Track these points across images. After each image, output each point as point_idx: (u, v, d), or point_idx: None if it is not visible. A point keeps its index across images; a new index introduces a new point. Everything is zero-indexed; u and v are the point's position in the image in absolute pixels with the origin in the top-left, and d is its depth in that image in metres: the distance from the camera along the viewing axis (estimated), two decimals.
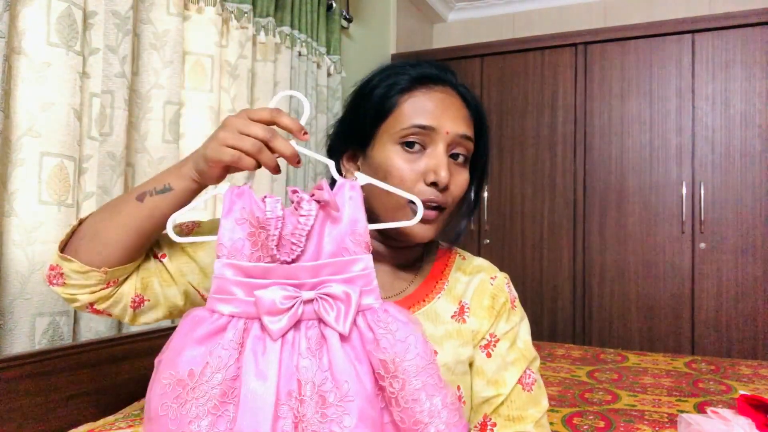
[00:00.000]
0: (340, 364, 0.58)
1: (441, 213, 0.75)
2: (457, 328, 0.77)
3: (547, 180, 2.85)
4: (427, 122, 0.73)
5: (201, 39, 1.77)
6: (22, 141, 1.24)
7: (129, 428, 1.18)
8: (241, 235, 0.62)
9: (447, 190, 0.74)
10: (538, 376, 0.80)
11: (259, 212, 0.62)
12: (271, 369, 0.57)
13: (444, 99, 0.75)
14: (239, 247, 0.62)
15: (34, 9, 1.25)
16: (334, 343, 0.59)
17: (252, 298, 0.60)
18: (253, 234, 0.62)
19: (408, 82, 0.76)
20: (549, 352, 2.12)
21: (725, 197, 2.53)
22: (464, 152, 0.76)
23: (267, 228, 0.61)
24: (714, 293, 2.53)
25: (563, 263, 2.81)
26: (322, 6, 2.41)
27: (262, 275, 0.61)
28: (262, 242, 0.62)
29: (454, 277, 0.82)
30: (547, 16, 3.43)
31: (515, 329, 0.79)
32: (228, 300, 0.61)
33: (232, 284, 0.61)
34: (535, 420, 0.76)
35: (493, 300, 0.79)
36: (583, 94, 2.80)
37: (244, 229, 0.62)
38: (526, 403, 0.76)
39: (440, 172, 0.71)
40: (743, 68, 2.53)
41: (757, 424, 1.21)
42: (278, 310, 0.58)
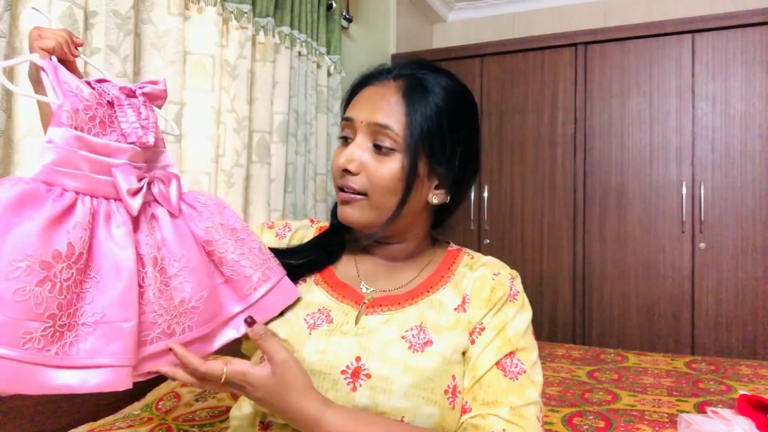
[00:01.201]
0: (173, 239, 0.66)
1: (359, 198, 0.77)
2: (457, 318, 0.77)
3: (547, 180, 2.86)
4: (348, 114, 0.80)
5: (201, 39, 1.77)
6: (24, 141, 1.24)
7: (129, 428, 1.18)
8: (78, 107, 0.61)
9: (356, 176, 0.77)
10: (532, 369, 0.75)
11: (90, 89, 0.63)
12: (128, 242, 0.61)
13: (372, 92, 0.79)
14: (78, 118, 0.60)
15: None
16: (167, 221, 0.66)
17: (99, 175, 0.61)
18: (89, 109, 0.61)
19: (357, 84, 0.84)
20: (549, 352, 2.12)
21: (725, 197, 2.53)
22: (385, 140, 0.76)
23: (111, 111, 0.64)
24: (714, 293, 2.54)
25: (563, 263, 2.81)
26: (322, 6, 2.41)
27: (108, 153, 0.62)
28: (101, 119, 0.62)
29: (461, 272, 0.83)
30: (547, 16, 3.43)
31: (505, 319, 0.77)
32: (74, 175, 0.59)
33: (79, 158, 0.59)
34: (512, 406, 0.71)
35: (491, 293, 0.79)
36: (583, 94, 2.80)
37: (76, 102, 0.61)
38: (505, 389, 0.72)
39: (339, 158, 0.78)
40: (743, 68, 2.53)
41: (757, 424, 1.21)
42: (136, 189, 0.63)
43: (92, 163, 0.60)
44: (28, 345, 0.53)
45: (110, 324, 0.57)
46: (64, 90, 0.60)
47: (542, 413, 0.75)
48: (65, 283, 0.55)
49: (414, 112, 0.76)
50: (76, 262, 0.56)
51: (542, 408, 0.75)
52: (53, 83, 0.60)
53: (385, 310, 0.79)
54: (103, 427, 1.19)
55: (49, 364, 0.54)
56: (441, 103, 0.77)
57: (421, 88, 0.78)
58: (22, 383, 0.53)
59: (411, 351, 0.73)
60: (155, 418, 1.23)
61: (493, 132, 2.98)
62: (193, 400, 1.32)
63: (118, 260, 0.59)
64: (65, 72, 0.62)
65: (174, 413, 1.27)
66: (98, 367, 0.57)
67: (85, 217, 0.58)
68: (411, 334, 0.75)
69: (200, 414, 1.27)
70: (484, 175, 2.98)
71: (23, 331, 0.52)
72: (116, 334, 0.57)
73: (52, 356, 0.54)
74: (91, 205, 0.59)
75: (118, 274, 0.59)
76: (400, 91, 0.77)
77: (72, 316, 0.56)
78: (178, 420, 1.23)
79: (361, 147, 0.77)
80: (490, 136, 2.98)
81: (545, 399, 1.55)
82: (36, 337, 0.53)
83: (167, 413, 1.27)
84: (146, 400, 1.33)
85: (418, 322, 0.76)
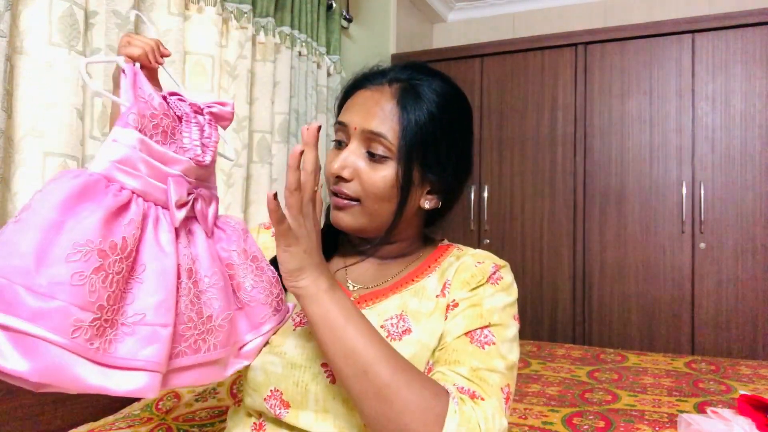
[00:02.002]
0: (206, 257, 0.67)
1: (353, 204, 0.77)
2: (436, 303, 0.77)
3: (547, 180, 2.86)
4: (342, 118, 0.79)
5: (201, 39, 1.77)
6: (25, 141, 1.24)
7: (129, 428, 1.18)
8: (145, 113, 0.63)
9: (349, 182, 0.76)
10: (503, 344, 0.72)
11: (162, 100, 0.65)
12: (172, 249, 0.62)
13: (368, 97, 0.78)
14: (143, 123, 0.62)
15: (36, 9, 1.25)
16: (201, 239, 0.68)
17: (155, 181, 0.63)
18: (156, 117, 0.63)
19: (351, 86, 0.83)
20: (549, 352, 2.12)
21: (725, 197, 2.53)
22: (379, 148, 0.75)
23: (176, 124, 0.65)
24: (714, 293, 2.54)
25: (563, 263, 2.81)
26: (322, 6, 2.41)
27: (165, 162, 0.64)
28: (164, 129, 0.64)
29: (448, 262, 0.83)
30: (547, 16, 3.43)
31: (481, 295, 0.75)
32: (134, 175, 0.61)
33: (140, 160, 0.61)
34: (473, 367, 0.68)
35: (471, 277, 0.78)
36: (583, 94, 2.80)
37: (145, 108, 0.63)
38: (470, 354, 0.70)
39: (333, 164, 0.77)
40: (743, 68, 2.53)
41: (757, 424, 1.21)
42: (183, 202, 0.64)
43: (150, 167, 0.62)
44: (77, 334, 0.52)
45: (149, 327, 0.57)
46: (137, 95, 0.62)
47: (510, 391, 0.71)
48: (116, 276, 0.55)
49: (408, 121, 0.75)
50: (127, 258, 0.57)
51: (510, 387, 0.71)
52: (128, 86, 0.62)
53: (369, 303, 0.79)
54: (103, 427, 1.19)
55: (91, 359, 0.54)
56: (435, 109, 0.77)
57: (415, 94, 0.77)
58: (61, 375, 0.52)
59: (389, 340, 0.73)
60: (155, 418, 1.23)
61: (493, 132, 2.98)
62: (193, 400, 1.32)
63: (163, 265, 0.60)
64: (143, 79, 0.64)
65: (174, 413, 1.27)
66: (133, 369, 0.56)
67: (138, 216, 0.59)
68: (390, 323, 0.75)
69: (200, 414, 1.27)
70: (484, 175, 2.98)
71: (75, 319, 0.52)
72: (153, 338, 0.57)
73: (95, 350, 0.54)
74: (143, 207, 0.61)
75: (161, 278, 0.59)
76: (395, 97, 0.77)
77: (116, 313, 0.56)
78: (178, 420, 1.23)
79: (354, 153, 0.77)
80: (490, 136, 2.98)
81: (545, 399, 1.55)
82: (85, 327, 0.53)
83: (167, 413, 1.27)
84: (146, 401, 1.33)
85: (399, 310, 0.77)
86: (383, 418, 0.63)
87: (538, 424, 1.35)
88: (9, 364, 0.50)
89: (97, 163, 0.59)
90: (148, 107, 0.63)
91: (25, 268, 0.51)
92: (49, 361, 0.51)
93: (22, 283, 0.51)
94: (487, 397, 0.66)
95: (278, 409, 0.73)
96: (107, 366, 0.55)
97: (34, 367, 0.51)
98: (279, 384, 0.73)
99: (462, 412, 0.63)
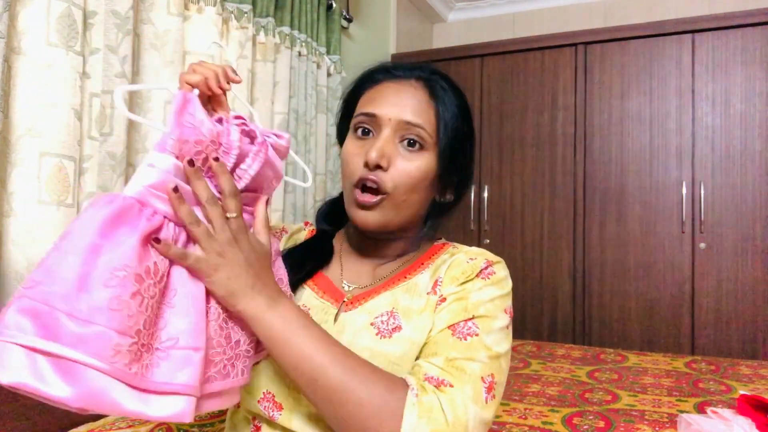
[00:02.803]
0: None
1: (381, 198, 0.75)
2: (427, 301, 0.76)
3: (547, 180, 2.85)
4: (371, 109, 0.78)
5: (201, 39, 1.77)
6: (22, 141, 1.24)
7: (129, 428, 1.18)
8: (189, 140, 0.62)
9: (385, 172, 0.75)
10: (488, 336, 0.70)
11: (213, 127, 0.64)
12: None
13: (397, 89, 0.78)
14: (184, 150, 0.62)
15: (34, 9, 1.25)
16: None
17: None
18: (200, 143, 0.62)
19: (373, 77, 0.82)
20: (549, 352, 2.12)
21: (725, 197, 2.53)
22: (415, 138, 0.76)
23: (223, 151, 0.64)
24: (714, 293, 2.53)
25: (563, 263, 2.81)
26: (322, 6, 2.41)
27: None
28: (207, 157, 0.63)
29: (441, 259, 0.82)
30: (547, 16, 3.43)
31: (470, 288, 0.75)
32: (166, 200, 0.61)
33: (173, 184, 0.61)
34: (449, 357, 0.67)
35: (462, 273, 0.77)
36: (583, 94, 2.80)
37: (191, 134, 0.62)
38: (450, 345, 0.69)
39: (370, 152, 0.74)
40: (743, 68, 2.53)
41: (757, 424, 1.21)
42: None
43: (184, 193, 0.62)
44: (116, 359, 0.52)
45: (182, 351, 0.58)
46: (182, 121, 0.62)
47: (494, 381, 0.68)
48: (151, 301, 0.56)
49: (445, 114, 0.77)
50: (160, 282, 0.57)
51: (495, 377, 0.68)
52: (173, 112, 0.62)
53: (362, 302, 0.78)
54: (103, 427, 1.19)
55: (130, 383, 0.54)
56: (463, 107, 0.80)
57: (442, 90, 0.79)
58: (100, 399, 0.52)
59: (379, 337, 0.73)
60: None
61: (493, 132, 2.98)
62: None
63: (193, 289, 0.60)
64: (196, 105, 0.63)
65: None
66: (170, 393, 0.56)
67: (169, 241, 0.60)
68: (380, 320, 0.74)
69: (200, 414, 1.27)
70: (484, 175, 2.98)
71: (114, 343, 0.52)
72: (186, 362, 0.57)
73: (133, 375, 0.54)
74: (174, 231, 0.61)
75: (192, 302, 0.60)
76: (427, 91, 0.78)
77: (151, 338, 0.56)
78: None
79: (389, 143, 0.76)
80: (490, 136, 2.98)
81: (545, 399, 1.55)
82: (123, 351, 0.53)
83: None
84: None
85: (390, 307, 0.76)
86: (342, 422, 0.63)
87: (538, 424, 1.35)
88: (53, 390, 0.50)
89: (131, 186, 0.60)
90: (193, 133, 0.62)
91: (65, 294, 0.52)
92: (90, 386, 0.52)
93: (63, 309, 0.52)
94: (457, 384, 0.65)
95: (272, 411, 0.73)
96: (145, 391, 0.55)
97: (76, 392, 0.51)
98: (271, 386, 0.73)
99: (421, 403, 0.62)
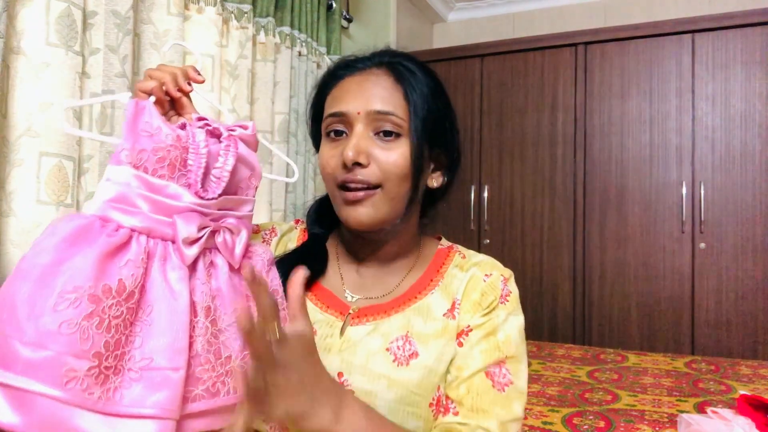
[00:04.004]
0: (228, 292, 0.62)
1: (372, 192, 0.72)
2: (446, 325, 0.74)
3: (547, 180, 2.85)
4: (337, 108, 0.75)
5: (201, 39, 1.77)
6: (21, 141, 1.24)
7: None
8: (147, 148, 0.60)
9: (366, 168, 0.72)
10: (519, 382, 0.73)
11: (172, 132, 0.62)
12: (183, 286, 0.59)
13: (360, 81, 0.75)
14: (143, 158, 0.60)
15: (33, 9, 1.25)
16: (224, 272, 0.63)
17: (160, 216, 0.60)
18: (161, 150, 0.60)
19: (329, 78, 0.80)
20: (549, 352, 2.12)
21: (725, 197, 2.53)
22: (389, 126, 0.73)
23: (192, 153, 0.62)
24: (714, 293, 2.53)
25: (563, 263, 2.81)
26: (322, 6, 2.41)
27: (171, 196, 0.61)
28: (171, 162, 0.61)
29: (451, 274, 0.79)
30: (547, 16, 3.43)
31: (495, 321, 0.74)
32: (132, 212, 0.58)
33: (137, 196, 0.59)
34: (501, 420, 0.69)
35: (482, 296, 0.75)
36: (583, 94, 2.80)
37: (148, 142, 0.60)
38: (493, 400, 0.70)
39: (345, 152, 0.71)
40: (743, 68, 2.53)
41: (757, 424, 1.21)
42: (195, 238, 0.60)
43: (152, 203, 0.59)
44: (71, 384, 0.50)
45: (158, 371, 0.55)
46: (137, 129, 0.60)
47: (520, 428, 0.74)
48: (114, 321, 0.53)
49: (414, 96, 0.74)
50: (127, 300, 0.54)
51: (521, 423, 0.73)
52: (127, 122, 0.60)
53: (370, 319, 0.75)
54: None
55: (91, 408, 0.51)
56: (433, 85, 0.77)
57: (408, 72, 0.76)
58: (58, 427, 0.50)
59: (396, 364, 0.71)
60: None
61: (493, 132, 2.98)
62: None
63: (171, 305, 0.57)
64: (151, 112, 0.61)
65: None
66: (141, 417, 0.53)
67: (139, 255, 0.57)
68: (396, 345, 0.72)
69: None
70: (484, 175, 2.98)
71: (66, 369, 0.50)
72: (163, 383, 0.54)
73: (95, 400, 0.51)
74: (146, 245, 0.58)
75: (170, 319, 0.56)
76: (391, 76, 0.75)
77: (119, 359, 0.54)
78: None
79: (363, 138, 0.73)
80: (490, 136, 2.98)
81: (545, 399, 1.55)
82: (80, 376, 0.51)
83: None
84: None
85: (404, 331, 0.73)
86: None
87: (538, 424, 1.35)
88: (2, 417, 0.49)
89: (93, 204, 0.58)
90: (151, 141, 0.60)
91: (16, 321, 0.50)
92: (43, 413, 0.50)
93: (16, 336, 0.50)
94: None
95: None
96: (112, 415, 0.52)
97: (28, 421, 0.49)
98: None
99: None
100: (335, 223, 0.85)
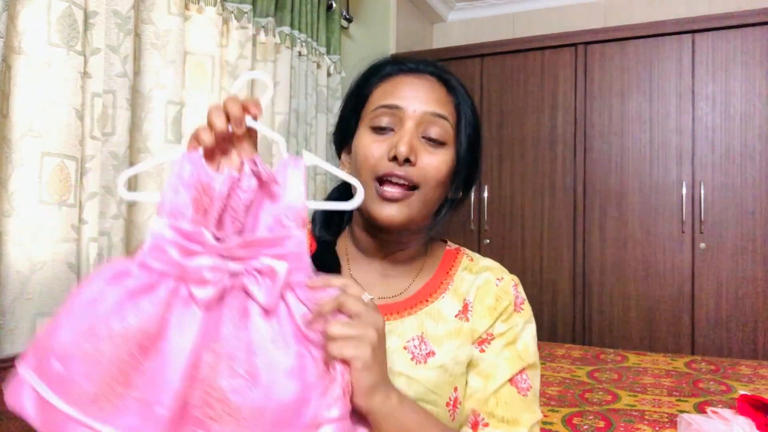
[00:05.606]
0: (256, 338, 0.60)
1: (410, 193, 0.72)
2: (459, 327, 0.76)
3: (547, 180, 2.86)
4: (392, 101, 0.74)
5: (201, 39, 1.77)
6: (23, 141, 1.24)
7: None
8: (185, 199, 0.61)
9: (413, 166, 0.72)
10: (536, 385, 0.76)
11: (205, 178, 0.62)
12: (191, 332, 0.58)
13: (416, 82, 0.76)
14: (182, 210, 0.61)
15: (34, 9, 1.25)
16: (256, 317, 0.61)
17: (189, 261, 0.60)
18: (198, 199, 0.62)
19: (383, 71, 0.79)
20: (549, 352, 2.12)
21: (725, 197, 2.53)
22: (439, 132, 0.73)
23: (211, 198, 0.62)
24: (714, 293, 2.54)
25: (563, 263, 2.81)
26: (322, 6, 2.41)
27: (200, 242, 0.61)
28: (205, 208, 0.62)
29: (460, 276, 0.80)
30: (547, 16, 3.43)
31: (515, 330, 0.76)
32: (163, 260, 0.60)
33: (169, 243, 0.60)
34: (530, 425, 0.72)
35: (496, 301, 0.77)
36: (583, 94, 2.80)
37: (189, 193, 0.62)
38: (520, 407, 0.73)
39: (399, 146, 0.70)
40: (743, 68, 2.53)
41: (757, 424, 1.21)
42: (205, 280, 0.59)
43: (183, 249, 0.60)
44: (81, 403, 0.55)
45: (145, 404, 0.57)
46: (183, 183, 0.62)
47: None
48: (125, 357, 0.57)
49: (464, 108, 0.77)
50: (142, 340, 0.57)
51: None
52: (172, 177, 0.62)
53: (385, 318, 0.75)
54: None
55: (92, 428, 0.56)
56: (471, 104, 0.79)
57: (457, 84, 0.78)
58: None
59: (414, 362, 0.72)
60: None
61: (493, 132, 2.98)
62: None
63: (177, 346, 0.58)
64: (197, 163, 0.62)
65: None
66: None
67: (163, 298, 0.59)
68: (413, 344, 0.74)
69: None
70: (484, 175, 2.98)
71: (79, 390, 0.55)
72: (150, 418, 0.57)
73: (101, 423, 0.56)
74: (173, 288, 0.60)
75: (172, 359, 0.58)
76: (444, 84, 0.77)
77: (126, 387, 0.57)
78: None
79: (414, 136, 0.72)
80: (490, 136, 2.98)
81: (545, 399, 1.55)
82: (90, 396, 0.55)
83: None
84: None
85: (419, 332, 0.75)
86: None
87: None
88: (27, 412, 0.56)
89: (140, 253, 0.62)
90: (192, 189, 0.62)
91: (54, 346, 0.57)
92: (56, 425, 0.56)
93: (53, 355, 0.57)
94: None
95: None
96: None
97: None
98: None
99: None
100: (340, 227, 0.85)
